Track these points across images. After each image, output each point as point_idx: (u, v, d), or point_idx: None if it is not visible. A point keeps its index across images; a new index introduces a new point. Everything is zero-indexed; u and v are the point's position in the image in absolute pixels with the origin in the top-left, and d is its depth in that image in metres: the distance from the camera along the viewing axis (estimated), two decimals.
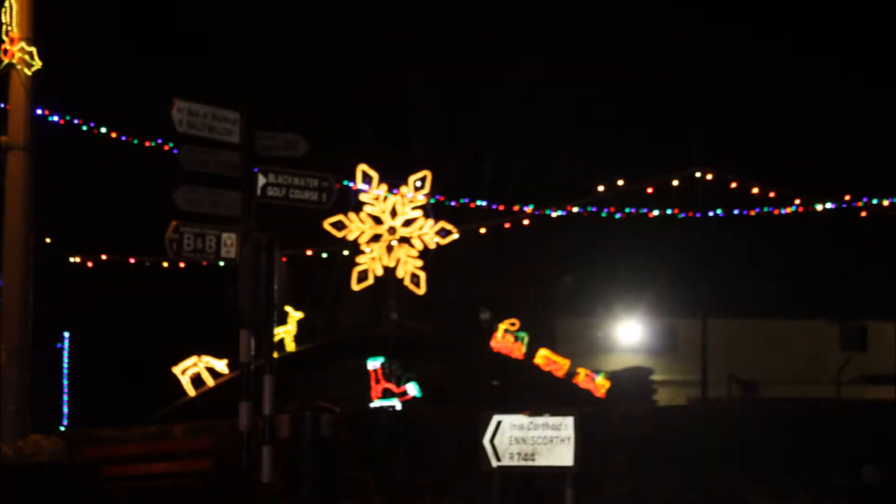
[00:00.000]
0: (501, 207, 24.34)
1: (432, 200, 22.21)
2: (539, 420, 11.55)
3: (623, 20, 32.60)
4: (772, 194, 23.73)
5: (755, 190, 23.82)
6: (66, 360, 25.29)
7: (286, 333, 20.63)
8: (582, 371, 22.19)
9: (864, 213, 23.77)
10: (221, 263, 11.94)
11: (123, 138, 19.31)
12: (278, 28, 30.05)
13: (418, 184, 21.81)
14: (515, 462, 11.63)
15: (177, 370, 19.94)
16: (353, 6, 30.66)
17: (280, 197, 11.93)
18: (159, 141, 19.41)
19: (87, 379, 26.31)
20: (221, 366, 19.81)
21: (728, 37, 35.71)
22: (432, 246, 21.87)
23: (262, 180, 11.83)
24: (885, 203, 23.34)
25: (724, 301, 30.73)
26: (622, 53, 32.69)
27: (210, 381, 19.65)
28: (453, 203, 23.52)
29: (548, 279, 33.51)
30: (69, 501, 13.39)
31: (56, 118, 17.58)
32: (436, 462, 14.35)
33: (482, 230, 24.20)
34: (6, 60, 14.86)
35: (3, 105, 15.26)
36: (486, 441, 11.64)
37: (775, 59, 35.94)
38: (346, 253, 22.72)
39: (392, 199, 21.77)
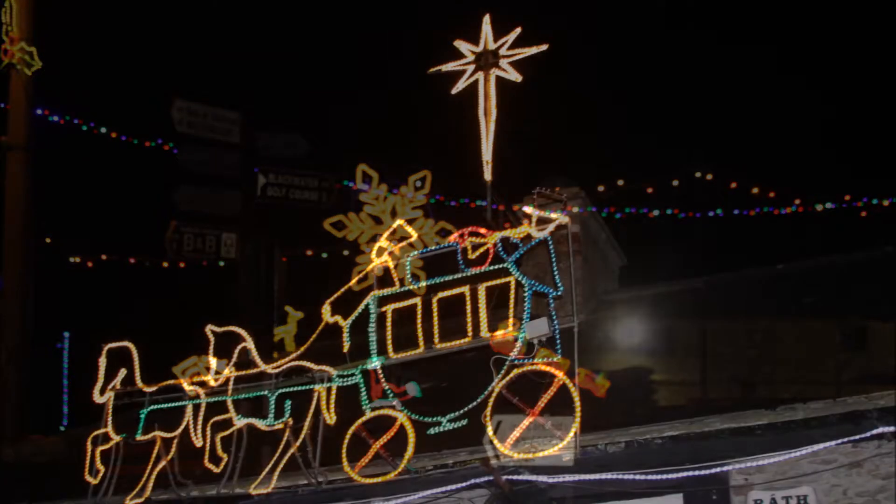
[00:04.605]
0: (501, 207, 24.29)
1: (432, 200, 22.16)
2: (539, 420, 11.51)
3: (623, 20, 32.69)
4: (772, 194, 23.68)
5: (755, 190, 23.77)
6: (66, 360, 25.27)
7: (286, 333, 20.57)
8: (582, 371, 22.12)
9: (863, 213, 23.71)
10: (221, 263, 11.94)
11: (123, 138, 19.27)
12: (279, 28, 30.10)
13: (418, 184, 21.77)
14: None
15: (177, 370, 19.88)
16: (354, 5, 30.72)
17: (280, 197, 11.94)
18: (159, 141, 19.38)
19: (88, 379, 26.28)
20: (221, 366, 19.75)
21: (728, 36, 35.74)
22: (432, 246, 21.80)
23: (262, 180, 11.84)
24: (885, 203, 23.30)
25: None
26: (622, 53, 32.74)
27: (210, 381, 19.59)
28: (453, 203, 23.48)
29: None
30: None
31: (56, 118, 17.56)
32: None
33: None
34: (6, 60, 14.86)
35: (3, 105, 15.27)
36: (485, 441, 11.62)
37: (775, 58, 35.97)
38: (346, 253, 22.68)
39: (392, 199, 21.71)
